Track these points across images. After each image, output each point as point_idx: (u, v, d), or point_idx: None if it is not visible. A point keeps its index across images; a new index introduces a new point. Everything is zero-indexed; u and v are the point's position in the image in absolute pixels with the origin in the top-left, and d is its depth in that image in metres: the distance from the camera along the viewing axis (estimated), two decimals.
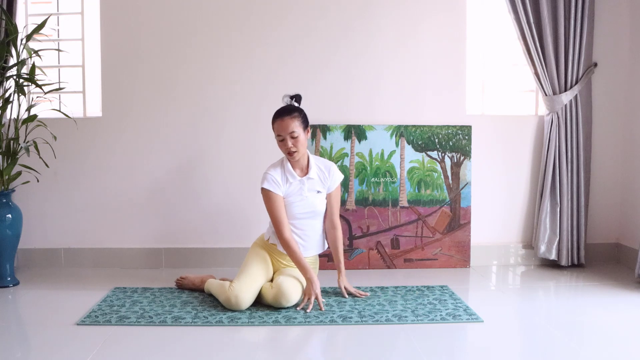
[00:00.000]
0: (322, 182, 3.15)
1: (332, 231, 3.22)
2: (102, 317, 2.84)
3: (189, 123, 3.78)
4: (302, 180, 3.10)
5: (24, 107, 3.55)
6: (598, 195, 3.91)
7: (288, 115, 3.02)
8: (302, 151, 3.06)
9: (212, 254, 3.80)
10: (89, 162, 3.79)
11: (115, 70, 3.76)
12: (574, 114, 3.75)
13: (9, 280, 3.42)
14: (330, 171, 3.16)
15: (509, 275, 3.71)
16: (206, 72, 3.76)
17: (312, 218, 3.15)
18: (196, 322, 2.78)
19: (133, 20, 3.74)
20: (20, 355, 2.48)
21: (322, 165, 3.18)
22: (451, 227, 3.82)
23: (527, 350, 2.62)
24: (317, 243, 3.23)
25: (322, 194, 3.16)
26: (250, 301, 2.97)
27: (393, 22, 3.78)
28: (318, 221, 3.20)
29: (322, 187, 3.15)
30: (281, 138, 3.02)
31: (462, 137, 3.80)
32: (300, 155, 3.06)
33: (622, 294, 3.24)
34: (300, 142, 3.02)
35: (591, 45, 3.79)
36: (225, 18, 3.75)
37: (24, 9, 3.79)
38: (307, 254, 3.17)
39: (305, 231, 3.15)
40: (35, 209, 3.77)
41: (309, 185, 3.11)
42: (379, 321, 2.80)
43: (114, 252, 3.80)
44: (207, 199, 3.80)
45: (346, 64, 3.79)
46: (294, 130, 3.00)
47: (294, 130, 3.00)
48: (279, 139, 3.04)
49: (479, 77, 3.96)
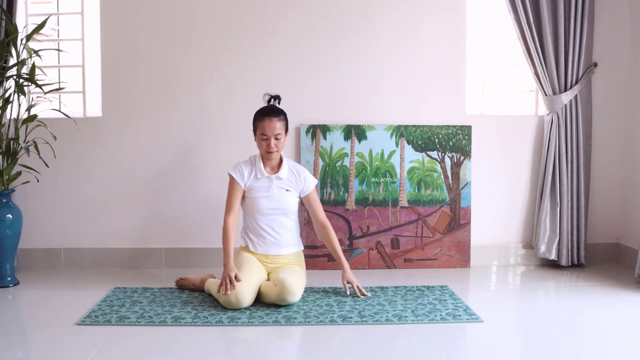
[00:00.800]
0: (291, 183, 3.23)
1: (323, 231, 3.26)
2: (102, 317, 2.84)
3: (189, 123, 3.79)
4: (271, 178, 3.20)
5: (24, 107, 3.55)
6: (598, 195, 3.91)
7: (276, 117, 3.17)
8: (280, 151, 3.21)
9: (212, 254, 3.79)
10: (89, 162, 3.79)
11: (115, 70, 3.76)
12: (574, 114, 3.75)
13: (9, 280, 3.42)
14: (301, 175, 3.26)
15: (509, 275, 3.71)
16: (206, 71, 3.76)
17: (281, 214, 3.20)
18: (196, 322, 2.78)
19: (133, 20, 3.74)
20: (20, 355, 2.48)
21: (293, 168, 3.28)
22: (451, 227, 3.82)
23: (527, 350, 2.62)
24: (292, 241, 3.26)
25: (291, 193, 3.23)
26: (251, 299, 2.97)
27: (393, 22, 3.78)
28: (288, 218, 3.23)
29: (291, 187, 3.23)
30: (265, 137, 3.15)
31: (462, 137, 3.80)
32: (277, 157, 3.21)
33: (622, 294, 3.24)
34: (281, 143, 3.18)
35: (591, 45, 3.79)
36: (225, 18, 3.75)
37: (24, 9, 3.79)
38: (283, 252, 3.21)
39: (274, 227, 3.20)
40: (35, 209, 3.77)
41: (277, 183, 3.20)
42: (379, 321, 2.80)
43: (114, 252, 3.81)
44: (207, 199, 3.80)
45: (346, 63, 3.79)
46: (280, 133, 3.16)
47: (280, 133, 3.16)
48: (262, 137, 3.16)
49: (479, 77, 3.96)
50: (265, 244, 3.20)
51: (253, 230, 3.23)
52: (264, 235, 3.20)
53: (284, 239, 3.22)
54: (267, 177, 3.20)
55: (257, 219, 3.21)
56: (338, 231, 3.76)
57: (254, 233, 3.23)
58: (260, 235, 3.21)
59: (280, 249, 3.21)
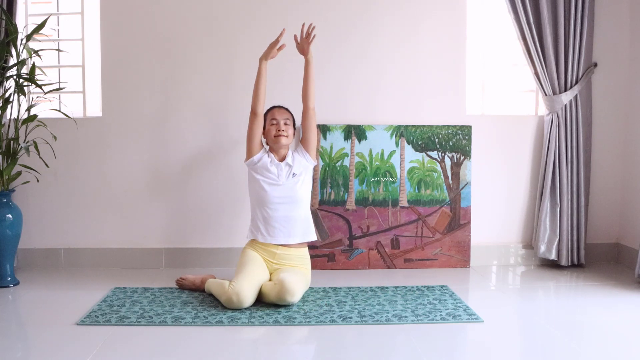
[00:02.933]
0: (299, 161, 3.26)
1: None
2: (102, 317, 2.84)
3: (188, 123, 3.79)
4: (280, 166, 3.24)
5: (24, 107, 3.55)
6: (598, 195, 3.91)
7: (284, 108, 3.37)
8: (289, 139, 3.27)
9: (212, 254, 3.80)
10: (89, 162, 3.79)
11: (115, 70, 3.76)
12: (574, 114, 3.75)
13: (9, 280, 3.42)
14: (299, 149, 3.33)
15: (509, 275, 3.71)
16: (206, 71, 3.76)
17: (290, 204, 3.21)
18: (196, 322, 2.78)
19: (133, 20, 3.74)
20: (20, 355, 2.48)
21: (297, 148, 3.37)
22: (451, 227, 3.82)
23: (527, 350, 2.62)
24: (301, 230, 3.23)
25: (299, 177, 3.24)
26: (252, 298, 2.97)
27: (393, 22, 3.78)
28: (297, 207, 3.22)
29: (301, 165, 3.27)
30: (275, 122, 3.27)
31: (462, 137, 3.80)
32: (285, 142, 3.25)
33: (622, 294, 3.24)
34: (289, 129, 3.28)
35: (591, 45, 3.79)
36: (225, 18, 3.75)
37: (24, 9, 3.79)
38: (290, 241, 3.20)
39: (284, 217, 3.19)
40: (35, 209, 3.78)
41: (286, 171, 3.23)
42: (379, 321, 2.80)
43: (114, 252, 3.81)
44: (207, 199, 3.80)
45: (346, 63, 3.79)
46: (288, 118, 3.31)
47: (288, 118, 3.31)
48: (271, 123, 3.28)
49: (479, 77, 3.96)
50: (275, 234, 3.19)
51: (262, 220, 3.21)
52: (274, 225, 3.19)
53: (291, 229, 3.20)
54: (277, 163, 3.24)
55: (267, 208, 3.20)
56: (338, 231, 3.77)
57: (263, 223, 3.21)
58: (270, 225, 3.19)
59: (289, 238, 3.20)
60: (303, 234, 3.25)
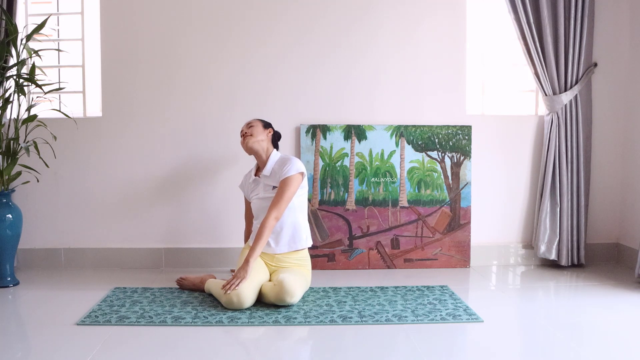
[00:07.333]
0: (276, 178, 3.19)
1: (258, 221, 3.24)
2: (102, 317, 2.84)
3: (188, 123, 3.79)
4: (257, 180, 3.28)
5: (24, 107, 3.55)
6: (598, 195, 3.91)
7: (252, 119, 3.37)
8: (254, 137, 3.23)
9: (212, 254, 3.80)
10: (89, 162, 3.79)
11: (115, 70, 3.76)
12: (574, 114, 3.75)
13: (9, 280, 3.42)
14: (284, 167, 3.17)
15: (509, 275, 3.71)
16: (206, 71, 3.76)
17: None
18: (196, 322, 2.78)
19: (133, 20, 3.74)
20: (20, 355, 2.48)
21: (280, 161, 3.24)
22: (451, 227, 3.82)
23: (527, 350, 2.62)
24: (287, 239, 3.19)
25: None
26: (253, 299, 2.97)
27: (393, 22, 3.78)
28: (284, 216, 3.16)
29: (277, 182, 3.19)
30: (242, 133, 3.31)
31: (462, 137, 3.80)
32: (251, 143, 3.22)
33: (622, 294, 3.24)
34: (254, 129, 3.25)
35: (591, 45, 3.79)
36: (224, 18, 3.75)
37: (24, 9, 3.79)
38: (278, 250, 3.19)
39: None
40: (35, 209, 3.78)
41: (265, 182, 3.24)
42: (379, 321, 2.80)
43: (114, 252, 3.81)
44: (207, 199, 3.80)
45: (346, 63, 3.79)
46: (253, 124, 3.29)
47: (253, 124, 3.29)
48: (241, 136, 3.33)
49: (479, 77, 3.96)
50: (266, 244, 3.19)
51: (254, 230, 3.25)
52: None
53: (282, 238, 3.19)
54: (254, 179, 3.30)
55: (255, 220, 3.30)
56: (338, 231, 3.77)
57: (254, 232, 3.23)
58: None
59: (277, 247, 3.19)
60: (289, 242, 3.20)
